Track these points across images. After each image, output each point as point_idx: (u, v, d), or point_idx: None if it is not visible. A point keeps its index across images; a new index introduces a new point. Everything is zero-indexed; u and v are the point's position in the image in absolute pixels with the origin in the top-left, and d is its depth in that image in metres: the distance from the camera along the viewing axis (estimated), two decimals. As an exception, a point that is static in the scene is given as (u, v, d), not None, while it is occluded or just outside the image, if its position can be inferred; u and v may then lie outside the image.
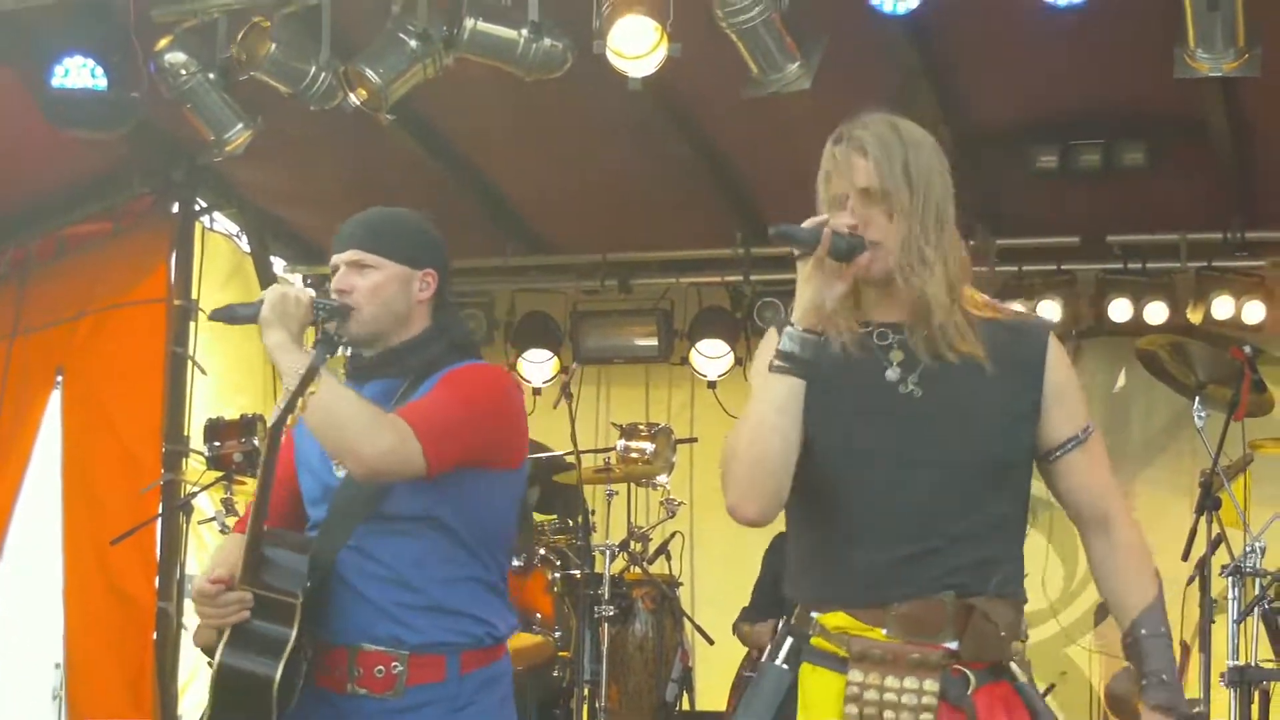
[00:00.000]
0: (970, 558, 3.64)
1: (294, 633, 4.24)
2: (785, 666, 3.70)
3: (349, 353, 4.61)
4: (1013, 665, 3.70)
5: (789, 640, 3.72)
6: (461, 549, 4.45)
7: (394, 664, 4.34)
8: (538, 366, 11.70)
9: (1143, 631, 3.74)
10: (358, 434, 4.24)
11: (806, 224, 3.61)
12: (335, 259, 4.58)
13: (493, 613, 4.52)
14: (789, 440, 3.59)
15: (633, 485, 10.13)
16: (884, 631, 3.60)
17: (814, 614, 3.69)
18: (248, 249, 11.36)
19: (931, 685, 3.57)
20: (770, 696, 3.69)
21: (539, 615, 8.83)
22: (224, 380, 11.02)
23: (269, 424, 4.19)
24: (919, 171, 3.67)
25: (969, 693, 3.61)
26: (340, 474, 4.43)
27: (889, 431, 3.63)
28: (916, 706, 3.56)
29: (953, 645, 3.61)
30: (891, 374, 3.66)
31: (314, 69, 7.98)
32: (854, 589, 3.64)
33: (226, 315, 4.52)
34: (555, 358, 11.70)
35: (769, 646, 3.80)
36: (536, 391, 11.23)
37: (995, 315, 3.77)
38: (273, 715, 4.21)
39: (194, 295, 10.61)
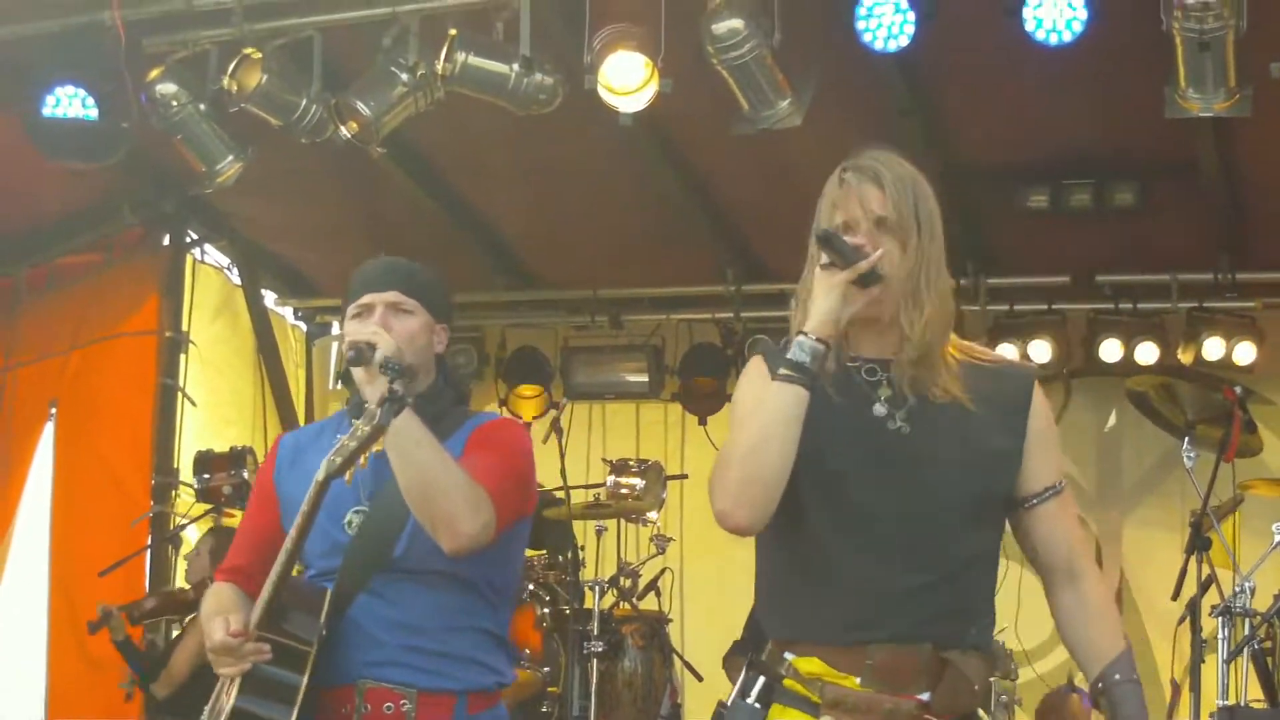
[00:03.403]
0: (950, 601, 3.64)
1: (305, 680, 4.23)
2: (758, 705, 3.69)
3: (352, 397, 4.52)
4: (980, 713, 3.72)
5: (761, 680, 3.71)
6: (477, 599, 4.44)
7: (403, 701, 4.31)
8: (528, 402, 11.69)
9: (1116, 677, 3.74)
10: (459, 506, 4.18)
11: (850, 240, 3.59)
12: (373, 298, 4.47)
13: (500, 662, 4.52)
14: (788, 451, 3.55)
15: (622, 521, 10.12)
16: (858, 680, 3.59)
17: (787, 655, 3.68)
18: (239, 281, 11.36)
19: None
20: None
21: (528, 651, 8.80)
22: (213, 412, 11.01)
23: (322, 476, 4.09)
24: (926, 211, 3.68)
25: None
26: (351, 531, 4.39)
27: (875, 466, 3.62)
28: None
29: (924, 696, 3.61)
30: (879, 409, 3.65)
31: (305, 101, 7.99)
32: (833, 625, 3.63)
33: (354, 357, 4.27)
34: (545, 393, 11.67)
35: (738, 683, 3.77)
36: (527, 426, 11.20)
37: (979, 360, 3.77)
38: None
39: (184, 327, 10.60)
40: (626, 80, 7.62)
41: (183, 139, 8.33)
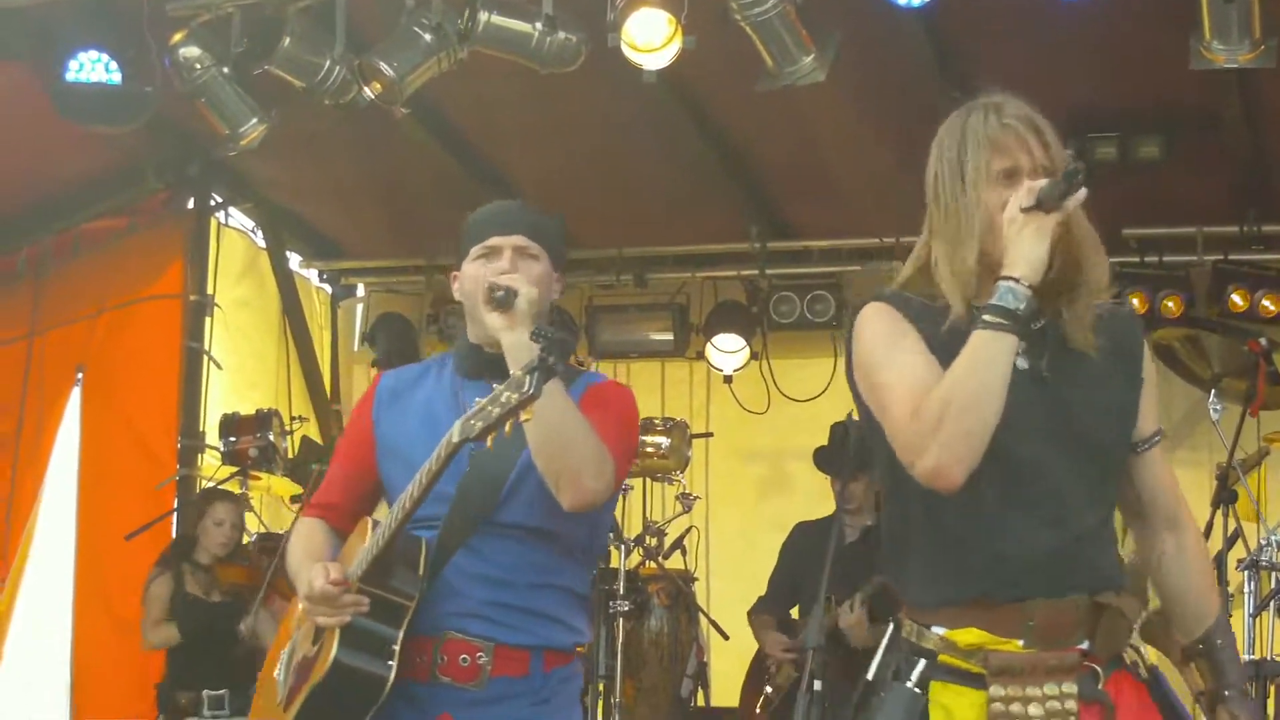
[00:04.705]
0: (1100, 548, 3.64)
1: (400, 635, 4.20)
2: (918, 690, 3.62)
3: (461, 339, 4.48)
4: (1130, 650, 3.71)
5: (921, 662, 3.64)
6: (565, 558, 4.41)
7: (479, 654, 4.28)
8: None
9: (1218, 641, 3.75)
10: (585, 462, 4.17)
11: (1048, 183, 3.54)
12: (500, 240, 4.41)
13: (580, 621, 4.50)
14: (1003, 402, 3.47)
15: (648, 480, 10.13)
16: (1020, 643, 3.57)
17: (936, 628, 3.64)
18: (263, 244, 11.37)
19: (1069, 687, 3.55)
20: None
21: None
22: (239, 375, 11.03)
23: (457, 438, 3.98)
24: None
25: (1100, 686, 3.60)
26: (453, 485, 4.31)
27: (1022, 416, 3.53)
28: (1060, 711, 3.54)
29: (1084, 645, 3.60)
30: (1021, 362, 3.56)
31: (328, 63, 7.96)
32: (993, 582, 3.58)
33: (503, 298, 4.20)
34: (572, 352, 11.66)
35: (882, 658, 3.73)
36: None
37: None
38: (371, 712, 4.19)
39: (209, 290, 10.62)
40: (650, 37, 7.59)
41: (206, 102, 8.32)
